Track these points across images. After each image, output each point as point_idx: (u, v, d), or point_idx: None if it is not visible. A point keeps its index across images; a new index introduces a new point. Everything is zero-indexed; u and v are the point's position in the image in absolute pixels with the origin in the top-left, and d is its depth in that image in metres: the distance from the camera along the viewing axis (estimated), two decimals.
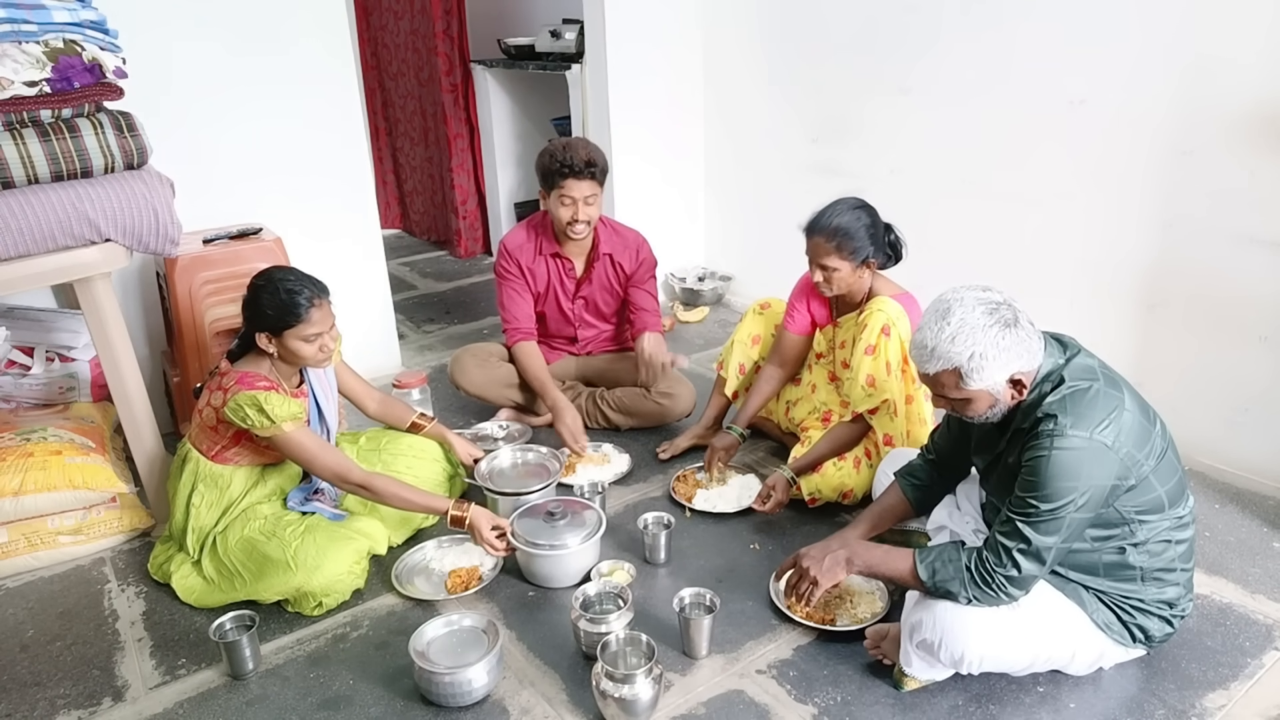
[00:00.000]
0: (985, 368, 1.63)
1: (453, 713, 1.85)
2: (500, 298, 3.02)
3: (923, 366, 1.71)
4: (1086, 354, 1.74)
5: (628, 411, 3.01)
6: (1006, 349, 1.62)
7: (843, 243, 2.32)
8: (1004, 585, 1.66)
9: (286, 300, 2.10)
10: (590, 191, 2.79)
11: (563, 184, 2.77)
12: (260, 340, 2.14)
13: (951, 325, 1.63)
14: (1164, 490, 1.70)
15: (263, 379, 2.15)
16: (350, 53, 3.28)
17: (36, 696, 1.95)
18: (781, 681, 1.91)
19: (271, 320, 2.11)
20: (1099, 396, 1.63)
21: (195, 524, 2.22)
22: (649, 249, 3.05)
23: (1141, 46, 2.61)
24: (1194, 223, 2.60)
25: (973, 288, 1.69)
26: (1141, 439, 1.65)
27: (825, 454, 2.48)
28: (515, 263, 2.97)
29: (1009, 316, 1.64)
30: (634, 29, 3.92)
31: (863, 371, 2.37)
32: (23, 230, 2.13)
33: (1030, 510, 1.63)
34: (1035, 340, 1.67)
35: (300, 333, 2.12)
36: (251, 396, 2.07)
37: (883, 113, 3.44)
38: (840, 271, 2.36)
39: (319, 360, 2.19)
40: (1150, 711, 1.80)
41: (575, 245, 2.96)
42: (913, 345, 1.72)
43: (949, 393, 1.71)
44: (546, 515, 2.24)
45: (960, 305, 1.65)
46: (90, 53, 2.15)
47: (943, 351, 1.65)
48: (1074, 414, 1.61)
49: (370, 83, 5.54)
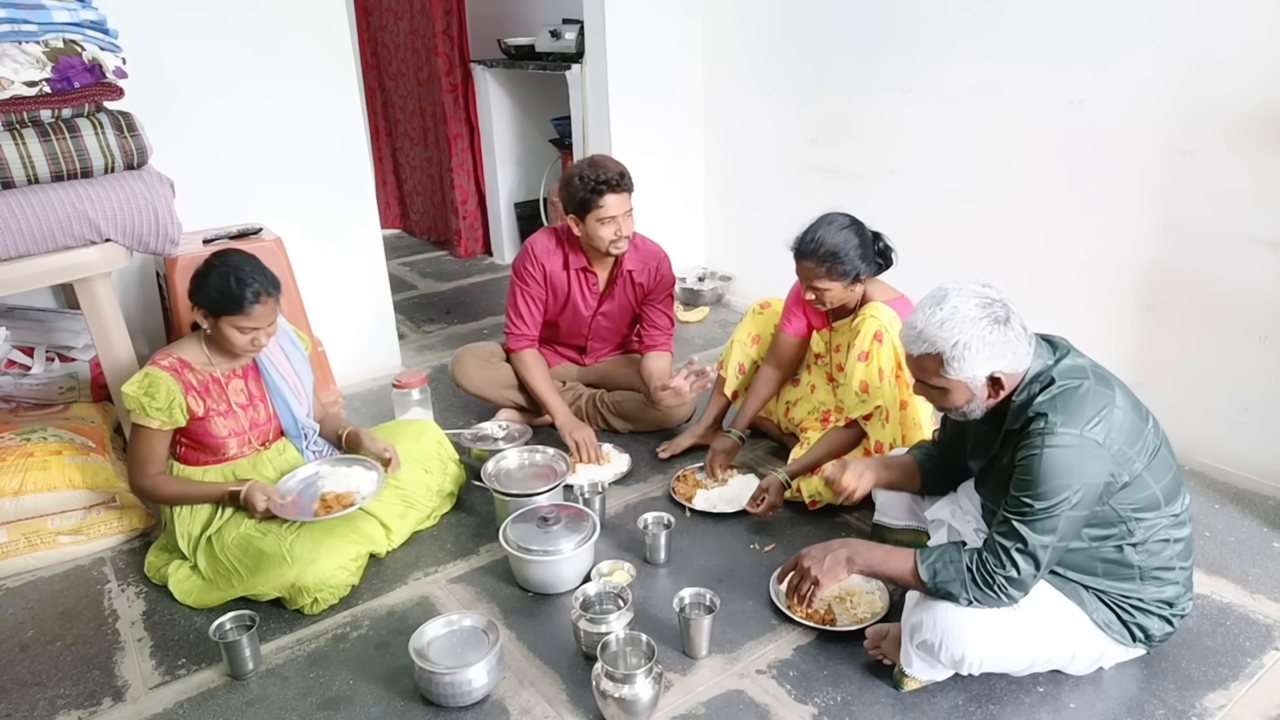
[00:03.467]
0: (967, 358, 1.65)
1: (453, 713, 1.85)
2: (512, 298, 2.94)
3: (908, 347, 1.75)
4: (1077, 354, 1.75)
5: (628, 417, 3.00)
6: (991, 344, 1.64)
7: (833, 266, 2.32)
8: (1004, 586, 1.66)
9: (234, 288, 2.10)
10: (628, 206, 2.75)
11: (601, 203, 2.67)
12: (196, 315, 2.16)
13: (943, 311, 1.67)
14: (1159, 488, 1.70)
15: (170, 357, 2.18)
16: (350, 53, 3.28)
17: (36, 696, 1.95)
18: (781, 681, 1.91)
19: (213, 302, 2.12)
20: (1089, 394, 1.64)
21: (182, 528, 2.24)
22: (669, 266, 3.00)
23: (1142, 47, 2.61)
24: (1194, 223, 2.60)
25: (974, 281, 1.72)
26: (1133, 436, 1.66)
27: (820, 458, 2.48)
28: (541, 268, 2.88)
29: (1000, 314, 1.66)
30: (634, 29, 3.92)
31: (856, 378, 2.38)
32: (23, 230, 2.13)
33: (1025, 509, 1.64)
34: (1023, 344, 1.68)
35: (237, 322, 2.13)
36: (145, 374, 2.13)
37: (883, 113, 3.44)
38: (832, 291, 2.37)
39: (246, 353, 2.22)
40: (1150, 711, 1.80)
41: (602, 260, 2.90)
42: (904, 325, 1.76)
43: (929, 379, 1.74)
44: (540, 521, 2.23)
45: (957, 294, 1.68)
46: (90, 53, 2.15)
47: (930, 335, 1.68)
48: (1064, 412, 1.62)
49: (370, 83, 5.54)
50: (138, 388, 2.12)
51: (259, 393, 2.34)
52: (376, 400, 3.39)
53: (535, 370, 2.92)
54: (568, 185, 2.73)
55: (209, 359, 2.24)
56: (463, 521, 2.57)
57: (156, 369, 2.15)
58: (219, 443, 2.25)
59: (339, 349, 3.33)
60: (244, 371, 2.31)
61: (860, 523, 2.49)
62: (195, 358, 2.23)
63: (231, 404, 2.26)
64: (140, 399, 2.11)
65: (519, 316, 2.93)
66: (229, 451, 2.28)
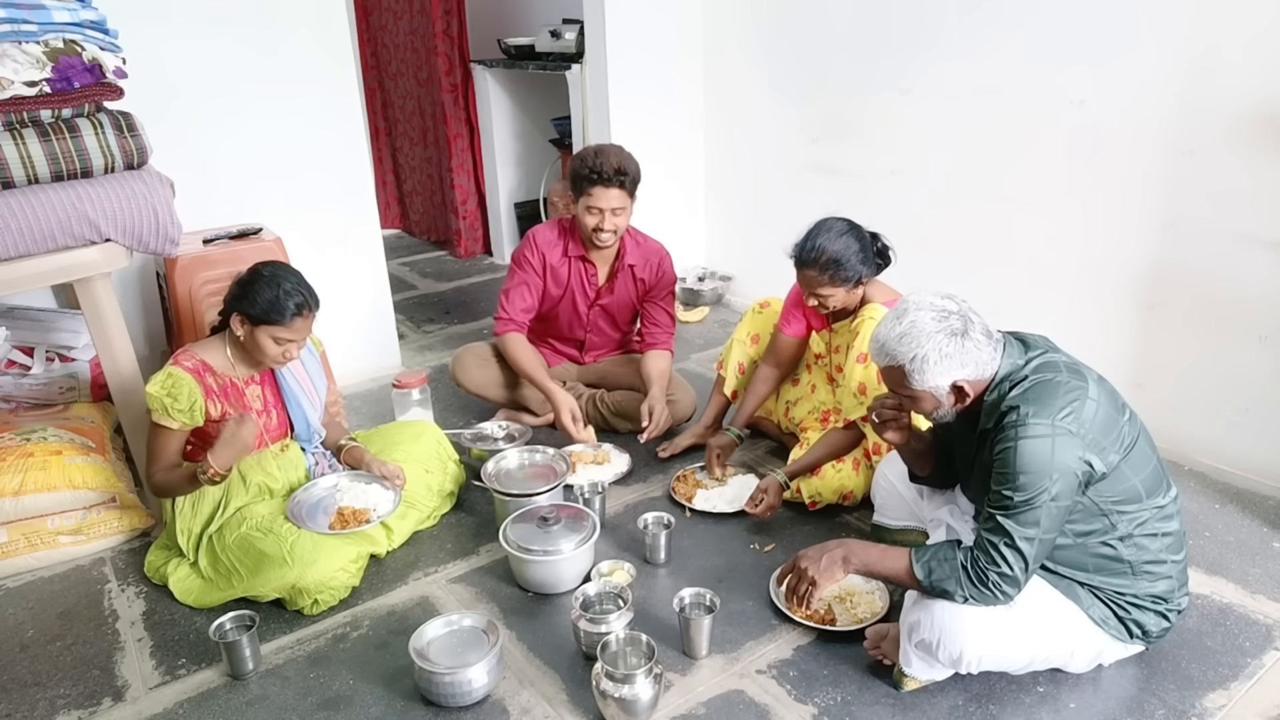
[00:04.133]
0: (926, 370, 1.70)
1: (453, 713, 1.85)
2: (507, 283, 2.96)
3: (875, 359, 1.81)
4: (1053, 351, 1.78)
5: (628, 416, 3.00)
6: (948, 356, 1.69)
7: (836, 273, 2.33)
8: (998, 583, 1.67)
9: (280, 298, 2.12)
10: (619, 203, 2.77)
11: (590, 191, 2.74)
12: (233, 320, 2.17)
13: (902, 325, 1.72)
14: (1138, 480, 1.72)
15: (193, 359, 2.18)
16: (350, 53, 3.28)
17: (36, 696, 1.95)
18: (781, 681, 1.91)
19: (256, 309, 2.13)
20: (1060, 386, 1.67)
21: (183, 525, 2.24)
22: (670, 264, 3.01)
23: (1142, 46, 2.61)
24: (1194, 223, 2.60)
25: (934, 293, 1.76)
26: (1107, 427, 1.68)
27: (820, 459, 2.49)
28: (540, 256, 2.91)
29: (958, 326, 1.70)
30: (634, 29, 3.92)
31: (854, 379, 2.38)
32: (23, 230, 2.13)
33: (1006, 502, 1.65)
34: (985, 351, 1.72)
35: (274, 332, 2.15)
36: (169, 374, 2.13)
37: (883, 113, 3.44)
38: (835, 297, 2.37)
39: (275, 363, 2.23)
40: (1150, 711, 1.80)
41: (601, 253, 2.92)
42: (870, 339, 1.82)
43: (897, 388, 1.80)
44: (540, 521, 2.23)
45: (916, 308, 1.73)
46: (90, 53, 2.15)
47: (891, 349, 1.73)
48: (1036, 403, 1.65)
49: (370, 82, 5.54)
50: (161, 388, 2.12)
51: (274, 399, 2.35)
52: (376, 400, 3.39)
53: (521, 351, 2.91)
54: (573, 160, 2.81)
55: (231, 363, 2.25)
56: (463, 521, 2.57)
57: (180, 369, 2.15)
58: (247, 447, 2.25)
59: (339, 349, 3.32)
60: (261, 378, 2.33)
61: (860, 523, 2.49)
62: (218, 361, 2.23)
63: (248, 409, 2.27)
64: (163, 400, 2.11)
65: (509, 301, 2.94)
66: None
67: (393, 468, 2.40)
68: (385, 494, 2.36)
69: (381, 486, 2.37)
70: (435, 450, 2.59)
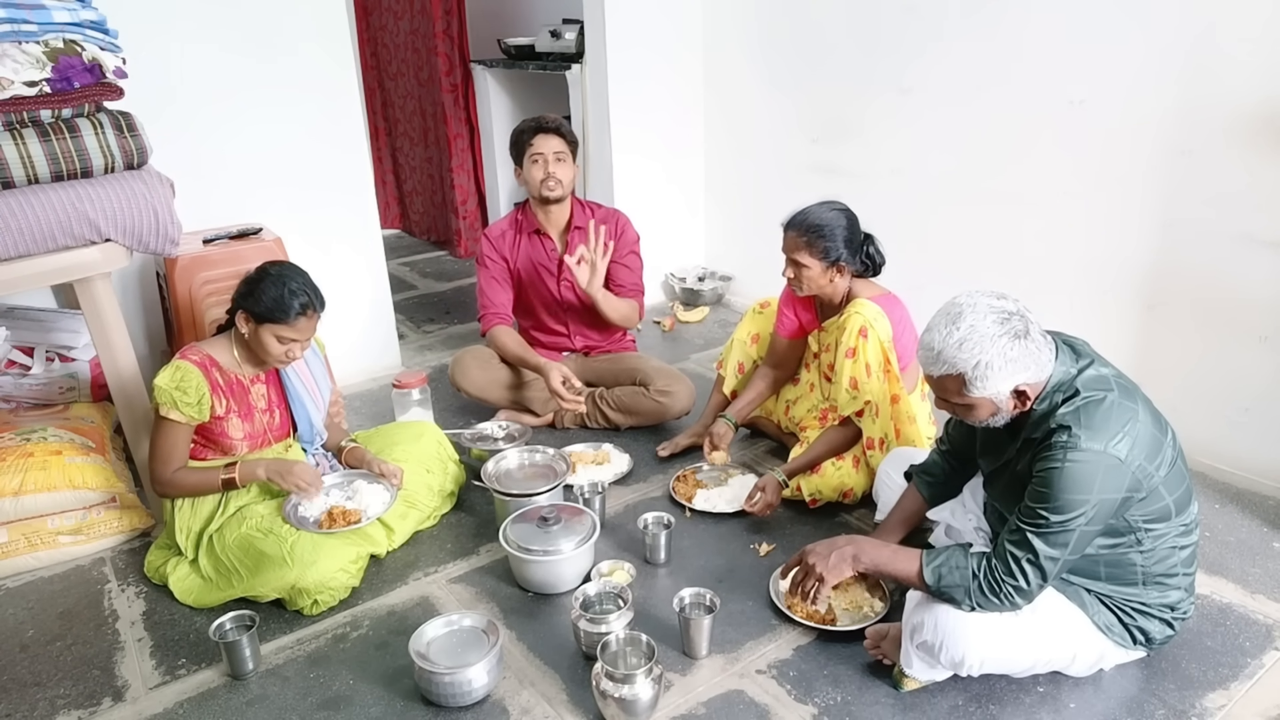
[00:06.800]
0: (990, 377, 1.61)
1: (453, 713, 1.85)
2: (480, 283, 3.08)
3: (927, 369, 1.70)
4: (1101, 363, 1.72)
5: (627, 410, 3.00)
6: (1013, 360, 1.61)
7: (814, 240, 2.33)
8: (1010, 595, 1.65)
9: (284, 298, 2.13)
10: (559, 148, 2.89)
11: (532, 141, 2.86)
12: (239, 318, 2.19)
13: (960, 331, 1.62)
14: (1172, 499, 1.69)
15: (200, 355, 2.20)
16: (350, 54, 3.28)
17: (36, 696, 1.95)
18: (781, 681, 1.91)
19: (260, 308, 2.14)
20: (1114, 408, 1.61)
21: (183, 524, 2.24)
22: (629, 224, 3.10)
23: (1142, 46, 2.61)
24: (1194, 223, 2.60)
25: (987, 294, 1.66)
26: (1154, 450, 1.64)
27: (819, 456, 2.49)
28: (495, 248, 3.04)
29: (1020, 328, 1.62)
30: (634, 29, 3.92)
31: (845, 375, 2.38)
32: (23, 230, 2.13)
33: (1040, 521, 1.61)
34: (1045, 352, 1.65)
35: (278, 331, 2.16)
36: (176, 366, 2.14)
37: (883, 113, 3.44)
38: (810, 270, 2.37)
39: (279, 363, 2.24)
40: (1150, 712, 1.80)
41: (553, 219, 3.01)
42: (920, 346, 1.71)
43: (951, 397, 1.70)
44: (540, 521, 2.23)
45: (972, 311, 1.63)
46: (90, 53, 2.15)
47: (949, 357, 1.63)
48: (1088, 426, 1.59)
49: (370, 83, 5.54)
50: (169, 380, 2.13)
51: (278, 399, 2.36)
52: (376, 400, 3.39)
53: (509, 338, 3.00)
54: (511, 135, 2.95)
55: (237, 362, 2.26)
56: (463, 521, 2.57)
57: (187, 362, 2.16)
58: (232, 444, 2.26)
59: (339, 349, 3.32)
60: (266, 377, 2.33)
61: (860, 522, 2.49)
62: (224, 358, 2.25)
63: (252, 408, 2.28)
64: (172, 392, 2.12)
65: (488, 295, 3.05)
66: (239, 452, 2.29)
67: (392, 467, 2.40)
68: (379, 494, 2.36)
69: (383, 488, 2.37)
70: (435, 450, 2.59)
